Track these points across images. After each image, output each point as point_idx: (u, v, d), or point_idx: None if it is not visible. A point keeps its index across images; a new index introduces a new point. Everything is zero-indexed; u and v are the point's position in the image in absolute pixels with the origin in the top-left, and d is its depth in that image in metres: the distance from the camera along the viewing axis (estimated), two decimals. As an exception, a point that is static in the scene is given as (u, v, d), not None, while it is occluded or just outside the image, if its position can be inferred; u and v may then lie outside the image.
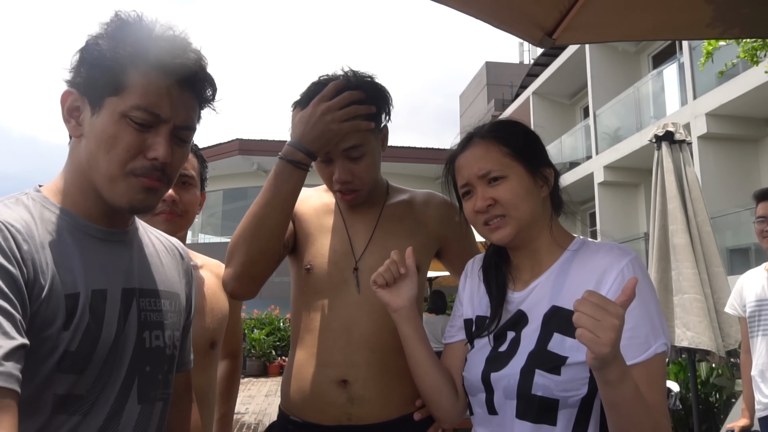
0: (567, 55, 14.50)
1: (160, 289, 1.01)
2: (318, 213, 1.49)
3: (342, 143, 1.33)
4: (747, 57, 4.60)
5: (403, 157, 18.35)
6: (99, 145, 0.88)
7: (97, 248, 0.92)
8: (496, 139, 1.18)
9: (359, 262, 1.42)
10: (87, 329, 0.84)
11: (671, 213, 3.63)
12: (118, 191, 0.90)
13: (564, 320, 1.08)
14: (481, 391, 1.14)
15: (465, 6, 1.56)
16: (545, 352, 1.07)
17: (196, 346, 1.44)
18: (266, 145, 17.35)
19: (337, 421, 1.34)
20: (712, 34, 1.88)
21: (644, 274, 1.09)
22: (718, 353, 3.41)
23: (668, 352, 1.07)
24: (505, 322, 1.17)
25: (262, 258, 1.32)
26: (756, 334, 2.83)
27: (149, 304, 0.97)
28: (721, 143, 9.93)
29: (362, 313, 1.38)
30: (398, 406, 1.36)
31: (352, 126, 1.31)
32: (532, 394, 1.05)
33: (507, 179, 1.15)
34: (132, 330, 0.93)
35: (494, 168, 1.16)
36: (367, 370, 1.34)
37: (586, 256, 1.14)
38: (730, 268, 8.28)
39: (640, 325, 1.04)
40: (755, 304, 2.85)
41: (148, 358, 0.96)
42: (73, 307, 0.83)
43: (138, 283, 0.96)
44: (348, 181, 1.37)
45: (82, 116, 0.90)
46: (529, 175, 1.17)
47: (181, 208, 1.49)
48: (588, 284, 1.08)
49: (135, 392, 0.93)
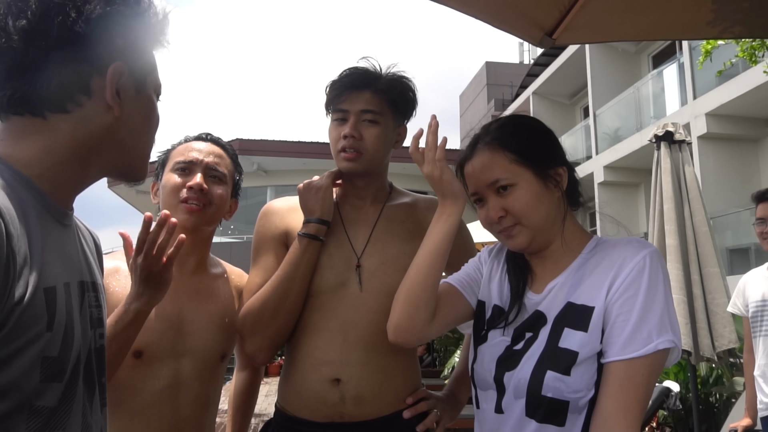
0: (567, 55, 14.51)
1: (96, 281, 0.91)
2: None
3: (360, 105, 1.42)
4: (746, 56, 4.60)
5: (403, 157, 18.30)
6: (146, 124, 0.89)
7: (59, 233, 0.80)
8: (501, 144, 1.15)
9: (361, 259, 1.43)
10: (65, 329, 0.74)
11: (666, 213, 3.65)
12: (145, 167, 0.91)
13: (575, 315, 1.08)
14: (492, 389, 1.14)
15: (465, 6, 1.56)
16: (556, 350, 1.06)
17: (207, 358, 1.44)
18: (266, 145, 17.32)
19: (329, 418, 1.36)
20: (712, 34, 1.88)
21: (660, 268, 1.07)
22: (702, 354, 3.42)
23: (677, 349, 1.04)
24: (522, 322, 1.15)
25: (287, 329, 1.42)
26: (758, 335, 2.84)
27: (93, 299, 0.88)
28: (721, 143, 9.93)
29: (360, 314, 1.39)
30: (390, 404, 1.39)
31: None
32: (542, 395, 1.04)
33: (516, 186, 1.12)
34: (86, 329, 0.83)
35: (501, 176, 1.13)
36: (361, 369, 1.36)
37: (604, 252, 1.13)
38: (730, 268, 8.28)
39: (644, 320, 1.02)
40: (757, 305, 2.85)
41: (98, 360, 0.88)
42: (53, 304, 0.72)
43: (84, 275, 0.86)
44: (355, 138, 1.41)
45: (124, 93, 0.84)
46: (538, 179, 1.14)
47: (208, 198, 1.44)
48: (605, 279, 1.07)
49: (97, 397, 0.86)
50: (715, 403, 5.17)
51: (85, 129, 0.81)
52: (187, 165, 1.45)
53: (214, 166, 1.47)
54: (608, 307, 1.05)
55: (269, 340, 1.40)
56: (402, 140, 1.54)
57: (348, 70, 1.45)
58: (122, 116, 0.83)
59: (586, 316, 1.07)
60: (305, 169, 16.19)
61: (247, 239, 16.36)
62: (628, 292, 1.04)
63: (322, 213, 1.41)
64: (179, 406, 1.38)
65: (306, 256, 1.39)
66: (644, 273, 1.05)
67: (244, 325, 1.40)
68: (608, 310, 1.05)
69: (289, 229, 1.48)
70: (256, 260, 1.49)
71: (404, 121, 1.52)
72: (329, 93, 1.46)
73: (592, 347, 1.04)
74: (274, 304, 1.37)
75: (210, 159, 1.47)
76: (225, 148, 1.54)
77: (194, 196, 1.42)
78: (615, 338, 1.03)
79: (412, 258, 1.41)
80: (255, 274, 1.46)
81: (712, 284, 3.54)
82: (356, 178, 1.48)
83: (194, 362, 1.41)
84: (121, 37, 0.81)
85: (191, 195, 1.42)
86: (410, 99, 1.50)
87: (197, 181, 1.43)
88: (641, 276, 1.04)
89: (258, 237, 1.51)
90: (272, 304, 1.37)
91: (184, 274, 1.47)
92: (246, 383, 1.66)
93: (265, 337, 1.39)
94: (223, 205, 1.50)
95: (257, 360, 1.45)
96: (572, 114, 16.59)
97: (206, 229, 1.51)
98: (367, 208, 1.50)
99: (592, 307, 1.07)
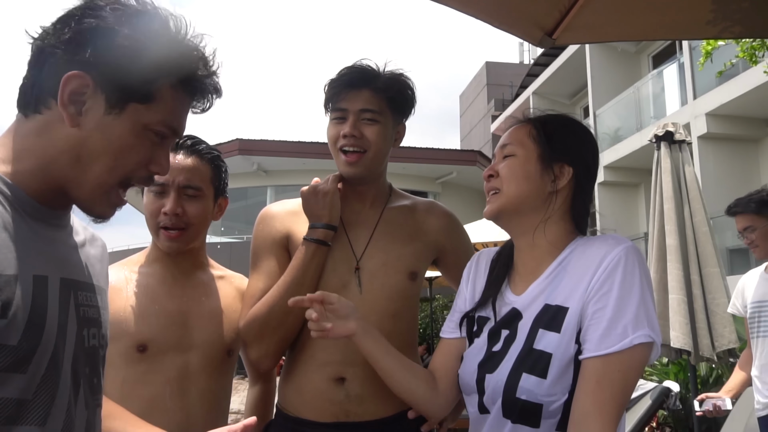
0: (567, 55, 14.51)
1: (93, 283, 0.92)
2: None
3: (359, 104, 1.41)
4: (746, 57, 4.60)
5: (403, 157, 18.35)
6: (107, 149, 0.81)
7: (36, 229, 0.81)
8: (534, 121, 1.20)
9: (360, 261, 1.43)
10: (30, 320, 0.73)
11: (666, 213, 3.65)
12: (99, 199, 0.84)
13: (550, 316, 1.08)
14: (474, 392, 1.14)
15: (465, 6, 1.56)
16: (531, 351, 1.06)
17: (213, 352, 1.45)
18: (266, 145, 17.29)
19: (335, 417, 1.36)
20: (712, 34, 1.88)
21: (636, 262, 1.05)
22: (702, 354, 3.43)
23: (656, 346, 1.02)
24: (498, 320, 1.16)
25: (293, 334, 1.42)
26: (756, 336, 2.83)
27: (86, 298, 0.88)
28: (721, 143, 9.93)
29: (362, 314, 1.38)
30: (394, 404, 1.38)
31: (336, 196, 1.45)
32: (516, 398, 1.04)
33: (515, 157, 1.17)
34: (72, 326, 0.83)
35: (510, 143, 1.19)
36: (364, 368, 1.36)
37: (582, 251, 1.12)
38: (730, 268, 8.29)
39: (619, 316, 1.01)
40: (755, 306, 2.85)
41: (88, 359, 0.86)
42: (10, 292, 0.71)
43: (75, 274, 0.86)
44: (356, 137, 1.41)
45: (88, 108, 0.80)
46: (539, 161, 1.15)
47: (185, 221, 1.43)
48: (583, 278, 1.07)
49: (82, 397, 0.84)
50: (715, 403, 5.16)
51: (48, 134, 0.81)
52: (161, 187, 1.42)
53: (187, 184, 1.43)
54: (584, 306, 1.05)
55: (275, 346, 1.40)
56: (401, 139, 1.54)
57: (346, 69, 1.45)
58: (83, 131, 0.80)
59: (560, 318, 1.06)
60: (305, 169, 16.18)
61: (247, 239, 16.35)
62: (602, 289, 1.04)
63: (330, 219, 1.42)
64: (188, 401, 1.39)
65: (314, 261, 1.39)
66: (618, 268, 1.04)
67: (250, 331, 1.40)
68: (584, 308, 1.05)
69: (291, 232, 1.48)
70: (257, 265, 1.48)
71: (403, 120, 1.52)
72: (328, 92, 1.45)
73: (566, 349, 1.04)
74: (282, 310, 1.36)
75: (182, 178, 1.42)
76: (200, 153, 1.48)
77: (170, 223, 1.41)
78: (591, 334, 1.02)
79: (411, 260, 1.42)
80: (257, 279, 1.46)
81: (712, 284, 3.54)
82: (358, 183, 1.48)
83: (200, 356, 1.42)
84: (94, 52, 0.79)
85: (167, 222, 1.41)
86: (409, 97, 1.50)
87: (170, 206, 1.40)
88: (616, 271, 1.04)
89: (258, 241, 1.51)
90: (279, 309, 1.37)
91: (184, 271, 1.49)
92: (258, 397, 1.64)
93: (271, 342, 1.39)
94: (202, 221, 1.48)
95: (262, 366, 1.45)
96: (572, 114, 16.56)
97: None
98: (367, 211, 1.50)
99: (566, 308, 1.07)
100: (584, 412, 0.99)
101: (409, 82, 1.49)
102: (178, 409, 1.37)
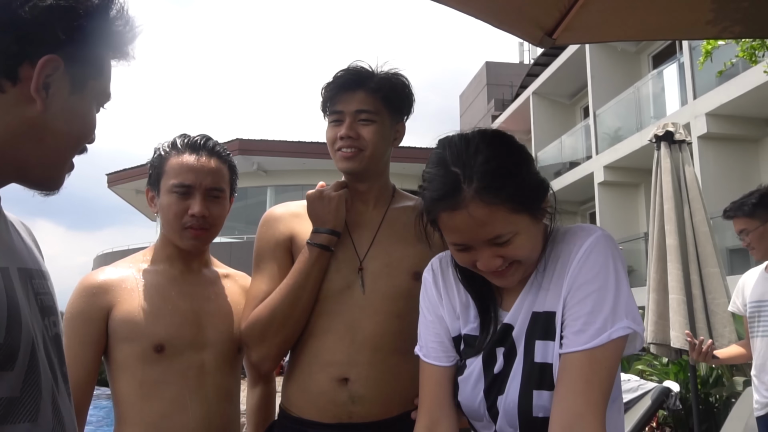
0: (567, 55, 14.50)
1: (42, 269, 0.89)
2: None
3: (355, 105, 1.42)
4: (746, 56, 4.60)
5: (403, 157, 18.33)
6: (72, 128, 0.82)
7: None
8: (496, 195, 0.98)
9: (363, 262, 1.44)
10: (9, 315, 0.71)
11: (666, 213, 3.65)
12: (59, 175, 0.84)
13: (541, 324, 1.06)
14: (487, 419, 1.10)
15: (465, 6, 1.56)
16: (534, 366, 1.04)
17: (226, 349, 1.46)
18: (266, 145, 17.31)
19: (338, 418, 1.36)
20: (712, 33, 1.88)
21: (609, 251, 1.02)
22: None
23: (639, 336, 1.01)
24: (490, 339, 1.11)
25: (294, 336, 1.42)
26: (755, 335, 2.84)
27: (40, 286, 0.85)
28: (721, 143, 9.93)
29: (365, 315, 1.39)
30: (398, 405, 1.38)
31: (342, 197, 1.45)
32: (534, 417, 1.02)
33: (517, 235, 1.02)
34: (36, 316, 0.80)
35: (504, 232, 1.00)
36: (368, 369, 1.36)
37: (556, 249, 1.09)
38: (730, 268, 8.27)
39: (597, 310, 0.99)
40: (754, 305, 2.85)
41: (54, 349, 0.84)
42: None
43: (25, 262, 0.83)
44: (352, 138, 1.41)
45: (54, 91, 0.78)
46: (535, 220, 1.05)
47: (210, 222, 1.45)
48: (561, 276, 1.05)
49: (62, 388, 0.83)
50: (715, 403, 5.18)
51: (3, 116, 0.77)
52: (186, 188, 1.43)
53: (213, 186, 1.45)
54: (564, 302, 1.04)
55: (277, 348, 1.41)
56: (400, 138, 1.54)
57: (341, 71, 1.46)
58: (47, 114, 0.78)
59: (551, 324, 1.05)
60: (305, 169, 16.18)
61: (247, 239, 16.36)
62: (577, 282, 1.02)
63: (334, 224, 1.42)
64: (206, 398, 1.40)
65: (317, 265, 1.40)
66: (590, 259, 1.02)
67: (252, 333, 1.41)
68: (564, 304, 1.04)
69: (294, 234, 1.49)
70: (260, 267, 1.49)
71: (402, 119, 1.52)
72: (324, 95, 1.47)
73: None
74: (284, 313, 1.38)
75: (209, 180, 1.44)
76: (220, 155, 1.50)
77: (197, 223, 1.43)
78: (570, 329, 1.01)
79: (415, 260, 1.42)
80: (260, 281, 1.47)
81: (712, 284, 3.54)
82: (356, 180, 1.48)
83: (215, 354, 1.44)
84: (66, 33, 0.77)
85: (194, 223, 1.43)
86: (405, 95, 1.50)
87: (199, 209, 1.42)
88: (588, 263, 1.02)
89: (261, 243, 1.51)
90: (281, 312, 1.38)
91: (192, 271, 1.51)
92: (260, 399, 1.64)
93: (273, 345, 1.40)
94: (223, 221, 1.52)
95: (263, 368, 1.47)
96: (572, 114, 16.59)
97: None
98: (370, 212, 1.51)
99: (554, 312, 1.05)
100: (577, 413, 0.96)
101: (404, 80, 1.49)
102: (197, 406, 1.39)
